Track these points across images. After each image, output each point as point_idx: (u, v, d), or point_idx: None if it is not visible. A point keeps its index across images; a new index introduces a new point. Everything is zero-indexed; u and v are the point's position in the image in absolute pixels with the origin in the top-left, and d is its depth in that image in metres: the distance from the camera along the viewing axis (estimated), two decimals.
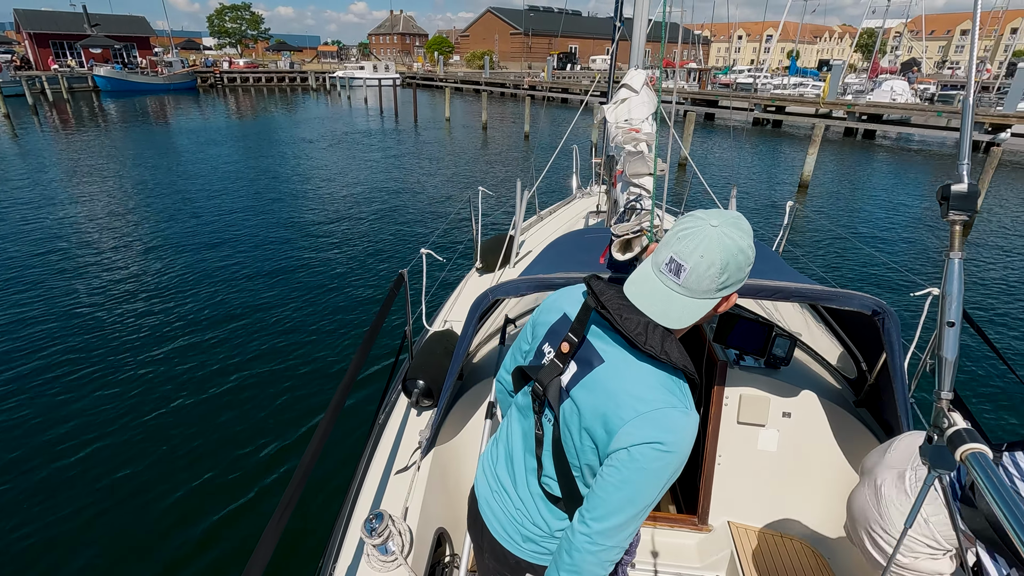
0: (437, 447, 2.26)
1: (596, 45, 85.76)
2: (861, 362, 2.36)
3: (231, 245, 9.61)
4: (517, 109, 37.53)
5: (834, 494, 2.29)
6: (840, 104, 25.22)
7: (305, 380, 5.60)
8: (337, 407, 1.67)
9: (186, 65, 50.94)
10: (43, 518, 3.91)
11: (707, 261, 1.05)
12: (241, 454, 4.52)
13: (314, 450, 1.53)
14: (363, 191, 13.90)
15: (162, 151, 18.88)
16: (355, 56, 70.45)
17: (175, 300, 7.38)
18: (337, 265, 8.71)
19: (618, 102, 3.26)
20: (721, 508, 2.46)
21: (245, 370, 5.73)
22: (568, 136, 6.21)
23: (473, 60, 72.79)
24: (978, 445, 1.18)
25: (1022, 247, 10.56)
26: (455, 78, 55.47)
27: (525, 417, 1.34)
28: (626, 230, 1.84)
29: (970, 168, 1.32)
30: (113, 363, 5.82)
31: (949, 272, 1.29)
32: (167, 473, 4.31)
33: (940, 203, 1.34)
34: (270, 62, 62.51)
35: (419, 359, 2.60)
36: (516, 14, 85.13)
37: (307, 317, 6.98)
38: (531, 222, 5.49)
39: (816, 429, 2.33)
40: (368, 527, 1.64)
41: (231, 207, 12.13)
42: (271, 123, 27.69)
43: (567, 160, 7.56)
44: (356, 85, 49.34)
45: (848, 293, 1.84)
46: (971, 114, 1.30)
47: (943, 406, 1.26)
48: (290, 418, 4.98)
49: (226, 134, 23.21)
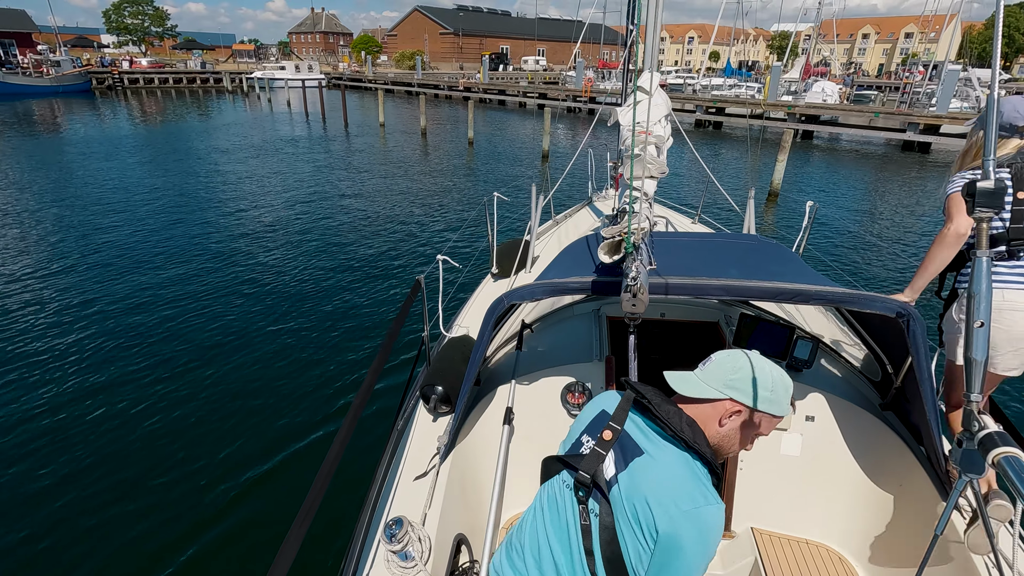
0: (455, 453, 2.23)
1: (527, 46, 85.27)
2: (886, 364, 2.30)
3: (147, 268, 8.40)
4: (454, 112, 35.87)
5: (860, 498, 2.24)
6: (780, 105, 25.40)
7: (324, 387, 5.62)
8: (356, 413, 1.79)
9: (79, 64, 45.59)
10: (42, 527, 3.89)
11: (731, 360, 1.30)
12: (262, 460, 4.55)
13: (334, 456, 1.59)
14: (284, 217, 11.93)
15: (44, 164, 15.90)
16: (275, 56, 66.09)
17: (181, 308, 7.30)
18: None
19: (631, 104, 3.19)
20: (744, 514, 2.41)
21: (265, 379, 5.73)
22: (579, 140, 5.61)
23: (403, 60, 70.32)
24: (1012, 449, 1.17)
25: None
26: (385, 79, 53.03)
27: (561, 509, 1.34)
28: (612, 233, 1.84)
29: (995, 165, 1.28)
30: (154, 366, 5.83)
31: (976, 271, 1.28)
32: (188, 479, 4.32)
33: (966, 200, 1.32)
34: (179, 61, 57.36)
35: (436, 365, 2.59)
36: (444, 13, 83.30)
37: (324, 325, 6.97)
38: (547, 227, 5.45)
39: (841, 433, 2.27)
40: (388, 533, 1.59)
41: (131, 225, 10.35)
42: (179, 130, 24.57)
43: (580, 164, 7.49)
44: (277, 87, 45.92)
45: (871, 295, 1.81)
46: (995, 112, 1.29)
47: (973, 408, 1.26)
48: (309, 425, 5.02)
49: (126, 144, 20.17)
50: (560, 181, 5.88)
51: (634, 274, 1.62)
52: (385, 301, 7.71)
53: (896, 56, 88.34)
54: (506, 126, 29.39)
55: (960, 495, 1.45)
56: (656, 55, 3.98)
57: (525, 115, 35.43)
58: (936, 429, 1.91)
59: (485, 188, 14.57)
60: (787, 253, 2.35)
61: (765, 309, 2.88)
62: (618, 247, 1.86)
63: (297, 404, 5.34)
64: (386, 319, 7.14)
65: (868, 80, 53.40)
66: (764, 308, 2.92)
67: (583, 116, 34.26)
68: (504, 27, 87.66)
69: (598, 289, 1.96)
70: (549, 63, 76.24)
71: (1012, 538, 1.85)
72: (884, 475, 2.20)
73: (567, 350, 2.63)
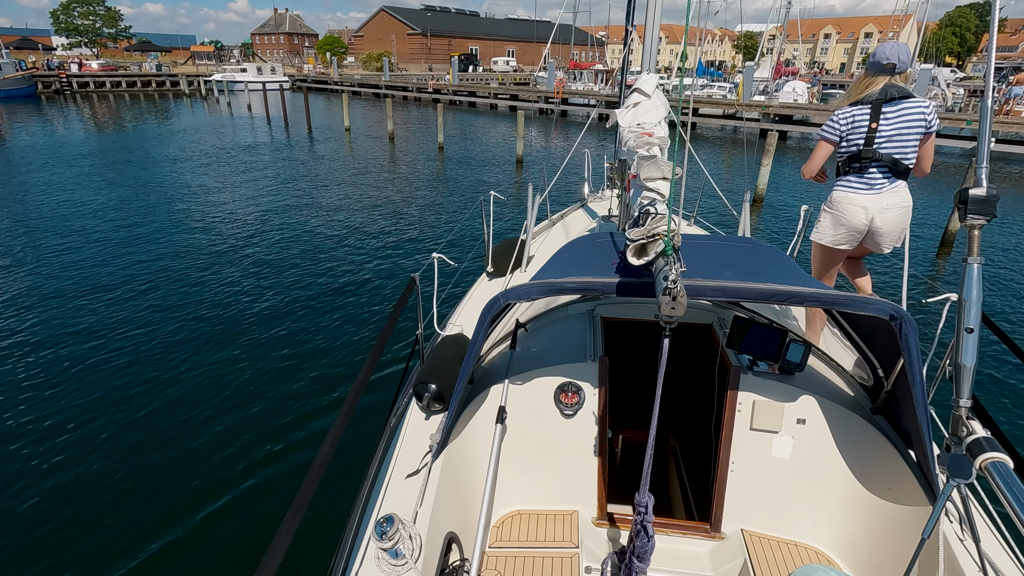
0: (447, 451, 2.22)
1: (497, 46, 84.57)
2: (878, 368, 2.32)
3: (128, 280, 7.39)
4: (423, 114, 34.91)
5: (850, 501, 2.25)
6: (754, 105, 25.21)
7: (318, 384, 5.60)
8: (349, 410, 1.77)
9: (23, 67, 43.03)
10: (29, 528, 3.89)
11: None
12: (253, 456, 4.55)
13: (326, 453, 1.59)
14: (238, 230, 10.94)
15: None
16: (236, 58, 63.93)
17: (178, 310, 7.29)
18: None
19: (630, 106, 3.24)
20: (734, 515, 2.39)
21: (258, 376, 5.72)
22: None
23: (370, 62, 68.82)
24: (998, 454, 1.19)
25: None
26: (352, 81, 51.65)
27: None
28: (640, 234, 1.84)
29: (988, 172, 1.33)
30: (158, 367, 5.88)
31: (967, 277, 1.29)
32: (180, 475, 4.33)
33: (957, 207, 1.37)
34: (133, 64, 54.84)
35: (430, 363, 2.60)
36: (412, 14, 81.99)
37: (319, 322, 6.97)
38: (542, 226, 5.44)
39: (832, 436, 2.27)
40: (379, 531, 1.56)
41: (77, 243, 9.27)
42: (131, 137, 23.03)
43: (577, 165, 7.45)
44: (238, 90, 44.18)
45: (864, 298, 1.82)
46: (989, 119, 1.30)
47: (961, 414, 1.27)
48: (302, 422, 5.00)
49: (69, 152, 18.68)
50: (554, 180, 5.93)
51: (673, 277, 1.55)
52: (379, 300, 7.69)
53: (857, 55, 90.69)
54: (477, 129, 28.58)
55: (948, 499, 1.49)
56: (655, 57, 3.94)
57: (497, 117, 34.69)
58: (926, 433, 1.92)
59: (457, 199, 13.79)
60: (782, 256, 2.37)
61: (758, 312, 2.87)
62: (645, 249, 1.82)
63: (290, 401, 5.32)
64: (380, 317, 7.13)
65: (833, 79, 54.26)
66: (757, 311, 2.90)
67: (556, 118, 33.70)
68: (473, 27, 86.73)
69: (603, 290, 1.97)
70: (519, 64, 75.70)
71: (998, 542, 1.86)
72: (873, 478, 2.21)
73: (561, 350, 2.61)
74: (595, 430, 2.43)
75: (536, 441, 2.44)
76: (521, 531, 2.40)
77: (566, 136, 26.77)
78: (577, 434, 2.44)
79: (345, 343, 6.47)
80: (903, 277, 3.16)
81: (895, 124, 2.95)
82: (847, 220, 3.14)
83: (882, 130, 2.97)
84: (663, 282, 1.58)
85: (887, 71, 2.95)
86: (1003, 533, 1.91)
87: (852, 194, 3.12)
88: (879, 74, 2.98)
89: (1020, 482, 1.23)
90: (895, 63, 2.93)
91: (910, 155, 2.99)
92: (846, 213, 3.14)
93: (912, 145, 2.98)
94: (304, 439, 4.77)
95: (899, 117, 2.95)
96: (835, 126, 3.08)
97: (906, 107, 2.94)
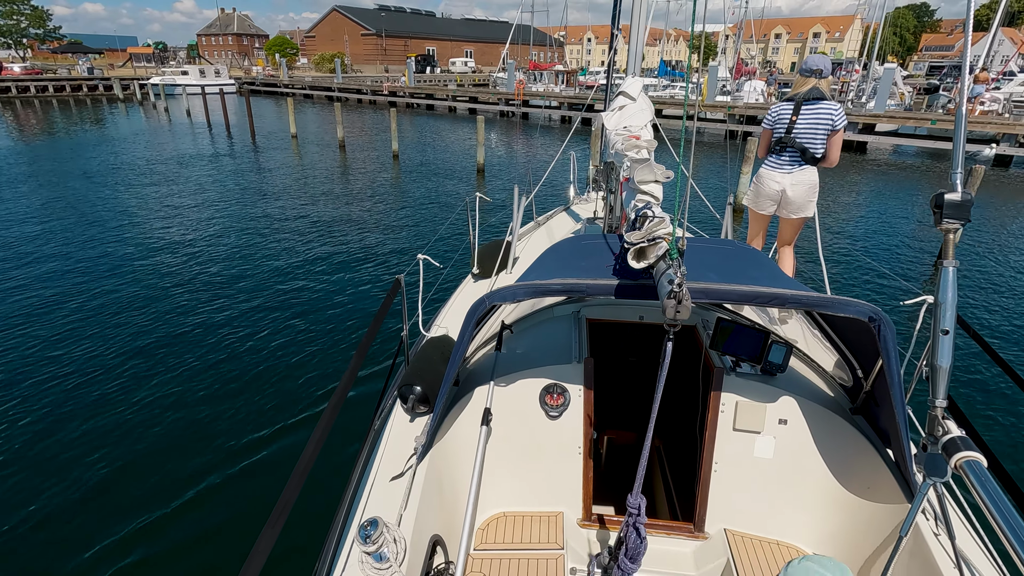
0: (432, 453, 2.22)
1: (454, 47, 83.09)
2: (857, 369, 2.34)
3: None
4: (379, 118, 33.29)
5: (830, 500, 2.28)
6: (719, 106, 24.73)
7: (301, 386, 5.56)
8: (333, 413, 1.76)
9: None
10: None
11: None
12: (236, 460, 4.51)
13: (310, 455, 1.58)
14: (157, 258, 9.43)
15: None
16: (179, 59, 60.47)
17: (159, 312, 7.26)
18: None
19: (615, 109, 3.34)
20: (718, 515, 2.42)
21: (240, 376, 5.70)
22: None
23: (322, 63, 66.41)
24: (973, 453, 1.23)
25: None
26: (302, 83, 49.43)
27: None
28: (639, 238, 1.85)
29: (964, 177, 1.44)
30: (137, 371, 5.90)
31: (943, 280, 1.33)
32: (162, 479, 4.33)
33: (933, 212, 1.39)
34: (64, 67, 51.04)
35: (415, 365, 2.60)
36: (365, 14, 79.73)
37: (302, 323, 6.96)
38: (528, 228, 5.46)
39: (812, 436, 2.30)
40: (363, 534, 1.55)
41: None
42: (50, 148, 20.77)
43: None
44: (178, 94, 41.43)
45: (844, 300, 1.83)
46: (964, 123, 1.33)
47: (937, 414, 1.30)
48: (285, 425, 4.96)
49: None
50: (540, 183, 5.98)
51: (678, 280, 1.51)
52: (363, 299, 7.61)
53: (806, 54, 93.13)
54: (436, 134, 27.23)
55: (924, 498, 1.51)
56: (640, 60, 4.08)
57: (456, 120, 33.41)
58: (904, 433, 1.94)
59: (413, 215, 12.52)
60: (763, 259, 2.41)
61: (741, 314, 2.91)
62: (644, 252, 1.84)
63: (273, 403, 5.28)
64: (364, 318, 7.06)
65: (788, 78, 55.17)
66: (740, 313, 2.96)
67: (518, 121, 32.66)
68: (429, 28, 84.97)
69: (588, 292, 1.96)
70: (478, 65, 74.46)
71: (972, 538, 1.87)
72: (853, 478, 2.22)
73: (546, 352, 2.59)
74: (580, 431, 2.42)
75: (521, 443, 2.45)
76: (506, 533, 2.39)
77: (528, 140, 25.73)
78: (562, 435, 2.43)
79: (329, 345, 6.38)
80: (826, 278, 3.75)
81: (810, 120, 3.71)
82: (764, 191, 4.00)
83: (799, 123, 3.73)
84: (668, 285, 1.53)
85: (815, 75, 3.70)
86: (977, 530, 1.92)
87: (771, 171, 3.95)
88: (808, 77, 3.73)
89: (993, 480, 1.28)
90: (821, 69, 3.68)
91: (818, 145, 3.73)
92: (765, 185, 3.98)
93: (820, 138, 3.72)
94: (287, 442, 4.74)
95: (814, 114, 3.69)
96: (769, 117, 3.90)
97: (820, 107, 3.67)
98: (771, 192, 3.95)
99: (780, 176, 3.88)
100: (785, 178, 3.85)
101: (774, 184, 3.92)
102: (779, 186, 3.89)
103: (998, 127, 18.15)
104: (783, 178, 3.86)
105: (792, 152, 3.79)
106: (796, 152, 3.77)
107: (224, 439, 4.74)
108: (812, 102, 3.65)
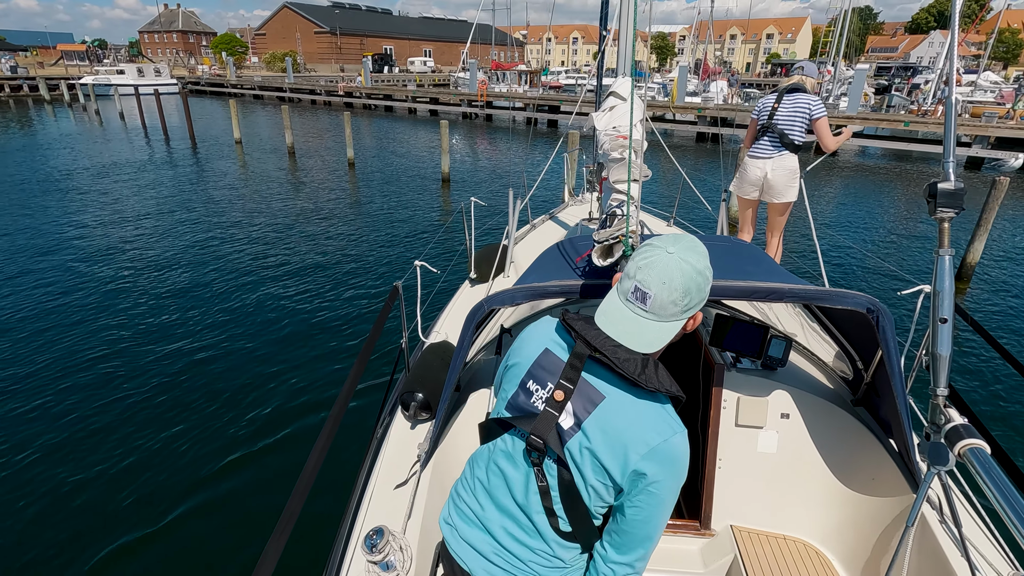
0: (436, 460, 2.20)
1: (412, 46, 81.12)
2: (857, 361, 2.35)
3: None
4: (335, 121, 31.41)
5: (835, 493, 2.28)
6: (689, 107, 24.04)
7: (302, 397, 5.53)
8: (335, 422, 1.75)
9: None
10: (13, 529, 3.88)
11: (669, 287, 1.12)
12: (240, 470, 4.52)
13: (313, 466, 1.58)
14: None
15: None
16: (117, 57, 56.56)
17: (160, 317, 7.09)
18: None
19: (606, 110, 3.29)
20: (723, 512, 2.40)
21: (241, 388, 5.64)
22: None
23: (274, 62, 63.54)
24: (976, 440, 1.23)
25: None
26: (252, 83, 46.81)
27: (516, 467, 1.29)
28: (606, 236, 1.88)
29: (955, 166, 1.35)
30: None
31: (939, 269, 1.32)
32: (166, 489, 4.29)
33: (927, 201, 1.39)
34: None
35: (416, 372, 2.61)
36: (318, 11, 76.95)
37: (303, 331, 6.85)
38: (524, 231, 5.33)
39: (815, 429, 2.30)
40: (368, 543, 1.53)
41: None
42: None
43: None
44: (111, 95, 38.39)
45: (842, 292, 1.83)
46: (954, 115, 1.32)
47: (939, 402, 1.30)
48: (287, 436, 4.96)
49: None
50: (535, 186, 5.91)
51: None
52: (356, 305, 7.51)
53: (760, 55, 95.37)
54: (396, 138, 25.64)
55: (929, 487, 1.50)
56: (630, 60, 4.02)
57: (416, 123, 31.88)
58: (907, 423, 1.93)
59: (370, 240, 11.08)
60: (759, 254, 2.43)
61: (739, 309, 2.90)
62: (611, 250, 1.86)
63: (274, 414, 5.23)
64: (363, 327, 6.99)
65: (748, 78, 55.70)
66: (738, 308, 2.94)
67: (481, 123, 31.38)
68: (386, 26, 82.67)
69: (586, 292, 1.96)
70: (437, 64, 72.76)
71: (977, 526, 1.87)
72: (857, 469, 2.22)
73: None
74: None
75: None
76: None
77: (493, 142, 24.47)
78: None
79: (328, 354, 6.30)
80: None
81: (789, 108, 4.22)
82: (748, 177, 4.48)
83: (780, 111, 4.24)
84: None
85: (799, 71, 4.32)
86: (983, 517, 1.90)
87: (754, 159, 4.42)
88: (793, 72, 4.36)
89: (997, 467, 1.27)
90: (803, 66, 4.33)
91: (796, 132, 4.22)
92: (748, 171, 4.47)
93: (799, 126, 4.20)
94: (290, 452, 4.74)
95: (793, 104, 4.22)
96: (757, 106, 4.41)
97: (799, 98, 4.21)
98: (754, 178, 4.42)
99: (761, 163, 4.34)
100: (767, 164, 4.32)
101: (756, 171, 4.38)
102: (760, 172, 4.36)
103: (970, 129, 17.99)
104: (764, 164, 4.33)
105: (772, 136, 4.26)
106: (776, 137, 4.24)
107: (226, 453, 4.69)
108: (792, 93, 4.22)
